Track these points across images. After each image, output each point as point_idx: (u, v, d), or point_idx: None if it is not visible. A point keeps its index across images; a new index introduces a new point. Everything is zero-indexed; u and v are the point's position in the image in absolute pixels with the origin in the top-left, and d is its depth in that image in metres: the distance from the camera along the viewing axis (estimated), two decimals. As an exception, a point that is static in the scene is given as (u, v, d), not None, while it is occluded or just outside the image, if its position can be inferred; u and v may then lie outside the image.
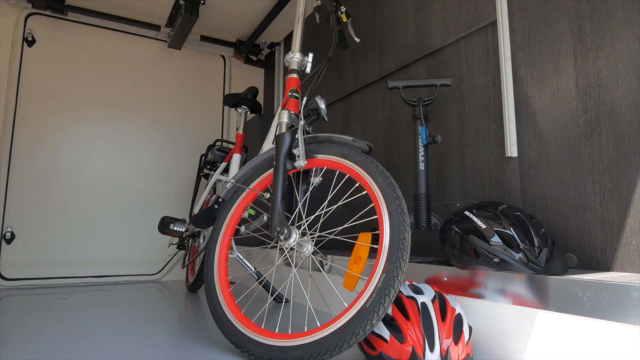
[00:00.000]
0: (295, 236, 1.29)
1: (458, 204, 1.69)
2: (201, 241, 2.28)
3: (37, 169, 2.87)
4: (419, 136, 1.61)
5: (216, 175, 2.50)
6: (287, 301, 2.12)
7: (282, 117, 1.48)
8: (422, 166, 1.60)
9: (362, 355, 1.27)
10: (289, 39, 3.39)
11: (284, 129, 1.46)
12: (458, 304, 1.21)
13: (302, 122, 1.42)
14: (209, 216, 1.59)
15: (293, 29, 3.17)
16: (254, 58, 3.64)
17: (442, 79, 1.62)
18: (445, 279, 1.37)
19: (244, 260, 2.12)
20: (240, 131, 2.42)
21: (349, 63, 2.49)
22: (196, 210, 2.68)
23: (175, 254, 3.18)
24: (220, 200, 1.58)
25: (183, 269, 3.21)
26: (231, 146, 2.87)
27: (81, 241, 2.95)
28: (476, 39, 1.68)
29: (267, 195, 1.40)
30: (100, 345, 1.36)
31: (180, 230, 2.36)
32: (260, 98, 3.76)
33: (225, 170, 2.52)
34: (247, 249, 2.62)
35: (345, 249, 2.28)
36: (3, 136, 2.75)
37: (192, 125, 3.42)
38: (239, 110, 2.47)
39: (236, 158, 2.33)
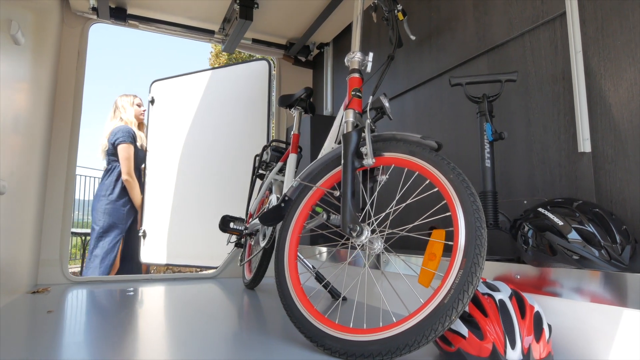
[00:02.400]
0: (367, 233, 1.31)
1: (525, 201, 1.66)
2: (260, 239, 2.33)
3: (154, 187, 3.89)
4: (485, 133, 1.59)
5: (272, 175, 2.55)
6: (344, 299, 2.14)
7: (348, 116, 1.50)
8: (488, 163, 1.58)
9: (433, 351, 1.28)
10: (337, 39, 3.42)
11: (350, 128, 1.48)
12: (535, 301, 1.19)
13: (368, 121, 1.44)
14: (277, 214, 1.64)
15: (350, 29, 3.21)
16: (303, 59, 3.69)
17: (508, 74, 1.60)
18: (518, 276, 1.35)
19: (304, 259, 2.16)
20: (296, 131, 2.45)
21: (402, 61, 2.49)
22: (252, 210, 2.75)
23: (232, 251, 3.27)
24: (286, 198, 1.63)
25: (239, 267, 3.29)
26: (282, 145, 2.91)
27: (173, 237, 3.76)
28: (543, 33, 1.64)
29: (337, 193, 1.42)
30: (182, 342, 1.43)
31: (240, 228, 2.43)
32: (308, 98, 3.85)
33: (281, 170, 2.57)
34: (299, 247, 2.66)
35: (402, 247, 2.28)
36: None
37: (241, 128, 3.61)
38: (294, 111, 2.50)
39: (292, 158, 2.37)
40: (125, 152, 3.46)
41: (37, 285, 2.63)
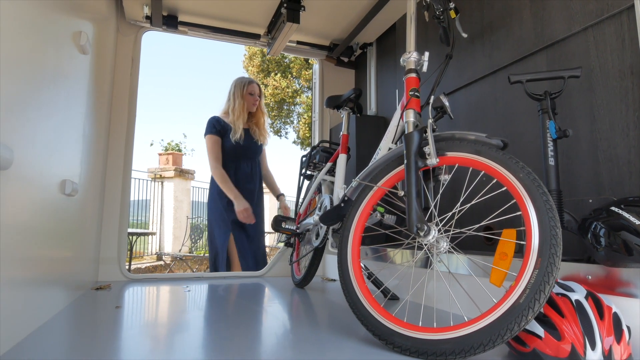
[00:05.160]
0: (434, 233, 1.32)
1: (590, 200, 1.62)
2: (313, 238, 2.36)
3: None
4: (547, 130, 1.56)
5: (321, 175, 2.57)
6: (397, 298, 2.14)
7: (409, 117, 1.51)
8: (551, 161, 1.55)
9: (503, 351, 1.27)
10: (381, 39, 3.42)
11: (411, 128, 1.49)
12: (612, 302, 1.17)
13: (430, 120, 1.44)
14: (337, 214, 1.66)
15: (394, 29, 3.20)
16: (346, 60, 3.71)
17: (571, 70, 1.56)
18: (589, 277, 1.32)
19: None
20: (345, 132, 2.47)
21: (452, 59, 2.46)
22: (300, 210, 2.79)
23: (281, 250, 3.33)
24: (346, 198, 1.65)
25: (285, 266, 3.35)
26: (326, 145, 2.92)
27: None
28: (608, 27, 1.60)
29: (401, 193, 1.43)
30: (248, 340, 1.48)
31: (292, 228, 2.48)
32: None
33: (329, 171, 2.58)
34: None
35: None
36: None
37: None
38: (342, 112, 2.52)
39: (342, 158, 2.39)
40: (207, 144, 3.22)
41: (98, 282, 2.76)
